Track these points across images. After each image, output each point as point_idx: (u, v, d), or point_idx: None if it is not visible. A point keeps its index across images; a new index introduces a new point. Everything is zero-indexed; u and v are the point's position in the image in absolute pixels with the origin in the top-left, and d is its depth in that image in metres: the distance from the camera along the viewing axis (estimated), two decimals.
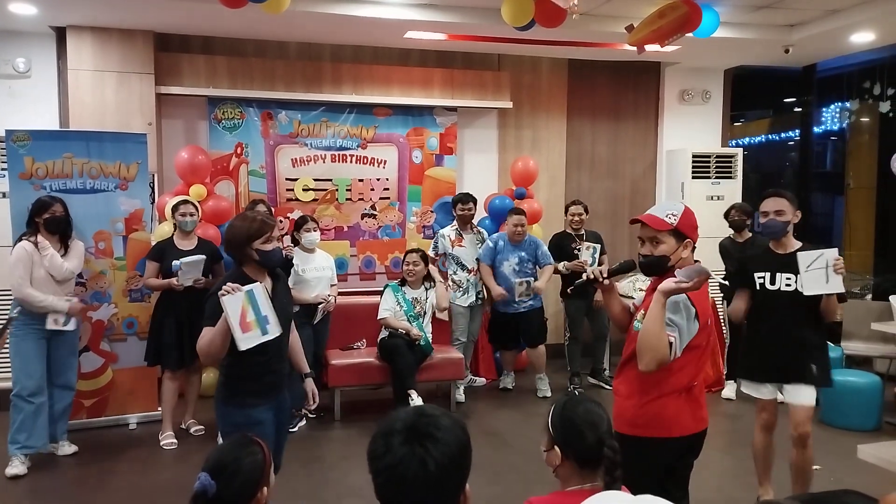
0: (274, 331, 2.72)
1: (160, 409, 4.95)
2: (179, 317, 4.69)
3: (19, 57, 5.73)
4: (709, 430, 2.65)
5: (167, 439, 4.77)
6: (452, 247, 5.86)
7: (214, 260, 4.87)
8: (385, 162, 6.46)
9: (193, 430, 5.00)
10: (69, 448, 4.61)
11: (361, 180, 6.41)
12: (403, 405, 4.38)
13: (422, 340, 5.31)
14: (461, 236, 5.89)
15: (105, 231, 4.96)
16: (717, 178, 7.00)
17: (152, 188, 5.49)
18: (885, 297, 6.15)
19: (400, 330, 5.33)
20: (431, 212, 6.63)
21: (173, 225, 4.97)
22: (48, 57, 5.82)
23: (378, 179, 6.46)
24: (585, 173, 7.29)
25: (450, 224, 6.02)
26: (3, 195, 5.07)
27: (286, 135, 6.19)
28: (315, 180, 6.29)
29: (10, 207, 4.71)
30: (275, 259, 2.91)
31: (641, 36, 4.88)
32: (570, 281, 5.59)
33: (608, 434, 1.85)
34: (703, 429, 2.61)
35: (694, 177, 6.96)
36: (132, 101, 5.68)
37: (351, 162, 6.37)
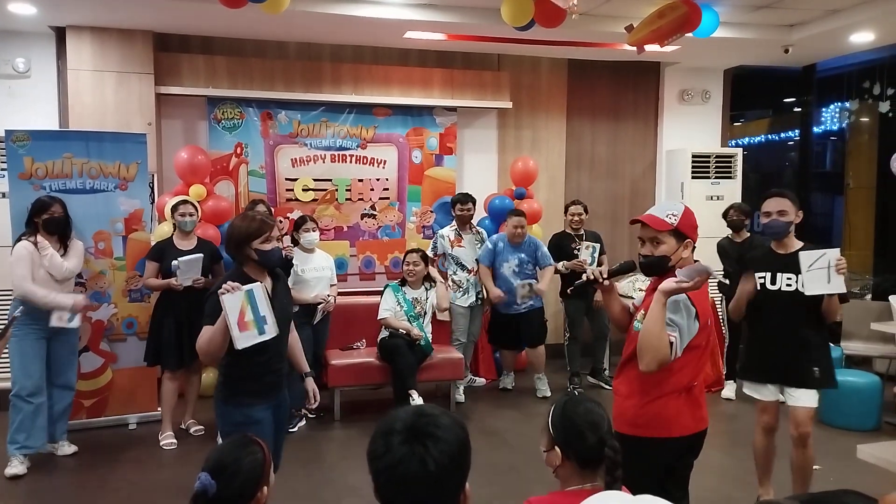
0: (271, 331, 2.72)
1: (160, 409, 4.96)
2: (179, 317, 4.69)
3: (19, 57, 5.73)
4: (709, 430, 2.66)
5: (167, 439, 4.77)
6: (452, 247, 5.86)
7: (214, 260, 4.88)
8: (385, 162, 6.46)
9: (193, 430, 5.00)
10: (69, 448, 4.61)
11: (361, 180, 6.41)
12: (404, 405, 4.38)
13: (422, 340, 5.31)
14: (460, 237, 5.89)
15: (105, 231, 4.96)
16: (716, 178, 7.01)
17: (152, 188, 5.50)
18: (884, 297, 6.16)
19: (400, 330, 5.33)
20: (431, 212, 6.62)
21: (173, 225, 4.97)
22: (48, 57, 5.82)
23: (378, 179, 6.46)
24: (585, 173, 7.29)
25: (449, 224, 6.02)
26: (3, 195, 5.06)
27: (286, 135, 6.19)
28: (315, 180, 6.29)
29: (9, 207, 4.71)
30: (274, 259, 2.91)
31: (641, 36, 4.88)
32: (569, 281, 5.59)
33: (609, 434, 1.85)
34: (703, 429, 2.62)
35: (693, 177, 6.97)
36: (132, 101, 5.68)
37: (351, 162, 6.37)
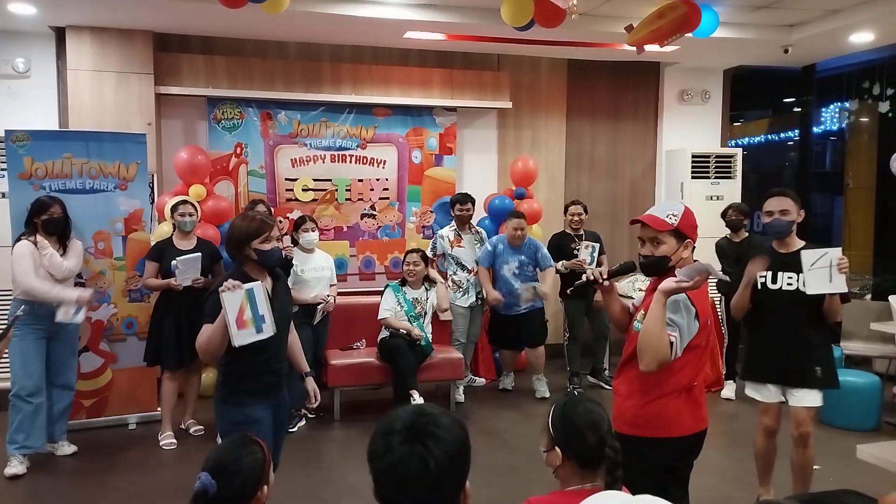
0: (268, 331, 2.73)
1: (159, 409, 4.96)
2: (178, 317, 4.69)
3: (19, 57, 5.73)
4: (708, 430, 2.66)
5: (167, 439, 4.77)
6: (451, 247, 5.86)
7: (214, 260, 4.88)
8: (384, 162, 6.46)
9: (193, 430, 5.00)
10: (68, 448, 4.60)
11: (361, 180, 6.41)
12: (404, 405, 4.38)
13: (422, 340, 5.31)
14: (460, 237, 5.88)
15: (104, 231, 4.96)
16: (716, 178, 7.01)
17: (152, 188, 5.50)
18: (884, 297, 6.16)
19: (401, 330, 5.33)
20: (431, 212, 6.62)
21: (172, 225, 4.97)
22: (47, 57, 5.81)
23: (377, 179, 6.46)
24: (585, 173, 7.29)
25: (448, 225, 6.02)
26: (3, 195, 5.06)
27: (286, 135, 6.19)
28: (314, 180, 6.28)
29: (9, 208, 4.71)
30: (273, 259, 2.91)
31: (641, 36, 4.88)
32: (569, 281, 5.59)
33: (609, 434, 1.85)
34: (703, 429, 2.62)
35: (693, 177, 6.97)
36: (131, 102, 5.68)
37: (350, 162, 6.37)
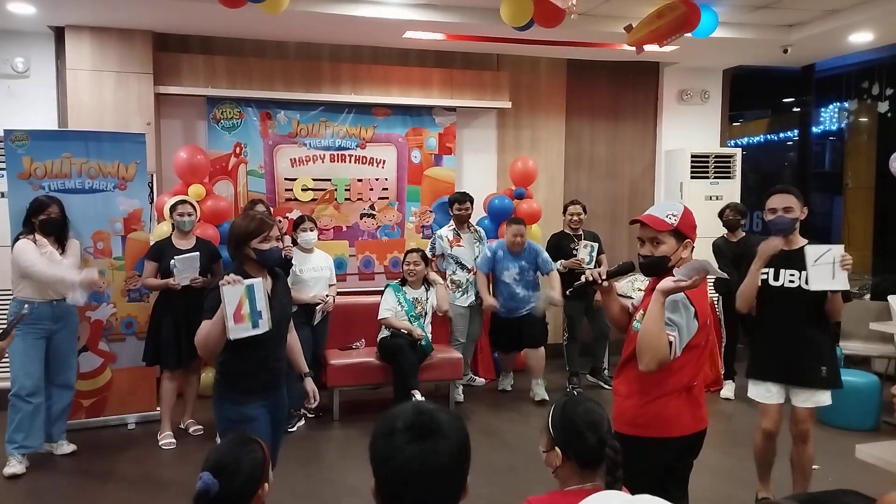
0: (264, 326, 2.77)
1: (159, 408, 4.95)
2: (177, 316, 4.69)
3: (18, 57, 5.72)
4: (708, 429, 2.65)
5: (166, 439, 4.77)
6: (451, 247, 5.86)
7: (213, 259, 4.88)
8: (384, 162, 6.46)
9: (192, 429, 5.00)
10: (67, 447, 4.60)
11: (360, 180, 6.41)
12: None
13: (423, 340, 5.31)
14: (459, 236, 5.88)
15: (104, 231, 4.96)
16: (715, 178, 7.01)
17: (151, 188, 5.50)
18: (883, 297, 6.16)
19: (402, 330, 5.32)
20: (430, 212, 6.62)
21: (172, 225, 4.96)
22: (47, 57, 5.81)
23: (377, 179, 6.46)
24: (584, 173, 7.29)
25: (447, 224, 6.02)
26: (2, 195, 5.06)
27: (285, 135, 6.19)
28: (314, 180, 6.28)
29: (8, 207, 4.70)
30: (272, 258, 2.92)
31: (640, 36, 4.88)
32: (569, 281, 5.59)
33: (609, 434, 1.84)
34: (702, 428, 2.61)
35: (693, 177, 6.97)
36: (131, 101, 5.68)
37: (350, 162, 6.37)
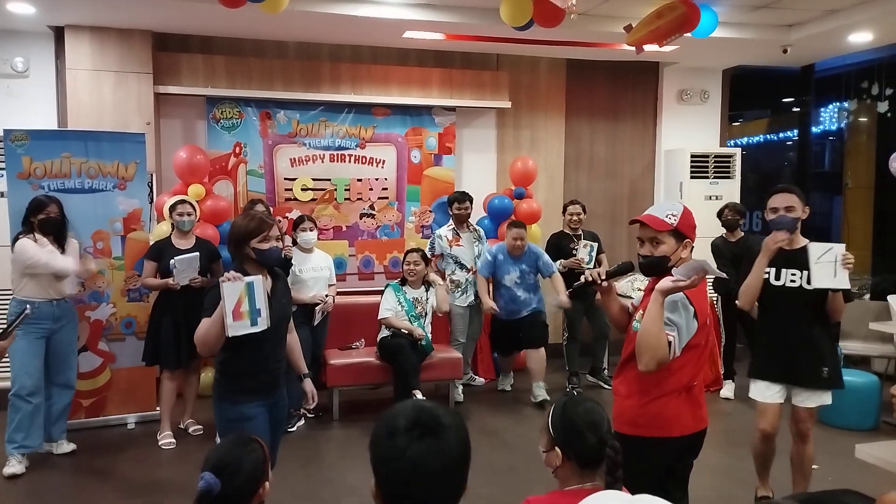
0: (262, 325, 2.77)
1: (158, 408, 4.95)
2: (177, 316, 4.69)
3: (17, 56, 5.72)
4: (708, 429, 2.65)
5: (165, 439, 4.77)
6: (450, 247, 5.86)
7: (212, 259, 4.87)
8: (384, 162, 6.46)
9: (192, 429, 4.99)
10: (67, 447, 4.60)
11: (360, 180, 6.41)
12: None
13: (423, 340, 5.30)
14: (458, 236, 5.88)
15: (103, 231, 4.95)
16: (715, 177, 7.01)
17: (150, 188, 5.49)
18: (882, 297, 6.17)
19: (402, 330, 5.32)
20: (430, 211, 6.62)
21: (171, 224, 4.96)
22: (46, 56, 5.81)
23: (377, 179, 6.45)
24: (584, 173, 7.29)
25: (446, 224, 6.02)
26: (2, 195, 5.06)
27: (285, 134, 6.19)
28: (314, 180, 6.28)
29: (7, 207, 4.70)
30: (272, 258, 2.92)
31: (640, 36, 4.88)
32: (569, 281, 5.59)
33: (609, 434, 1.84)
34: (702, 428, 2.61)
35: (692, 177, 6.97)
36: (130, 101, 5.68)
37: (349, 162, 6.37)
